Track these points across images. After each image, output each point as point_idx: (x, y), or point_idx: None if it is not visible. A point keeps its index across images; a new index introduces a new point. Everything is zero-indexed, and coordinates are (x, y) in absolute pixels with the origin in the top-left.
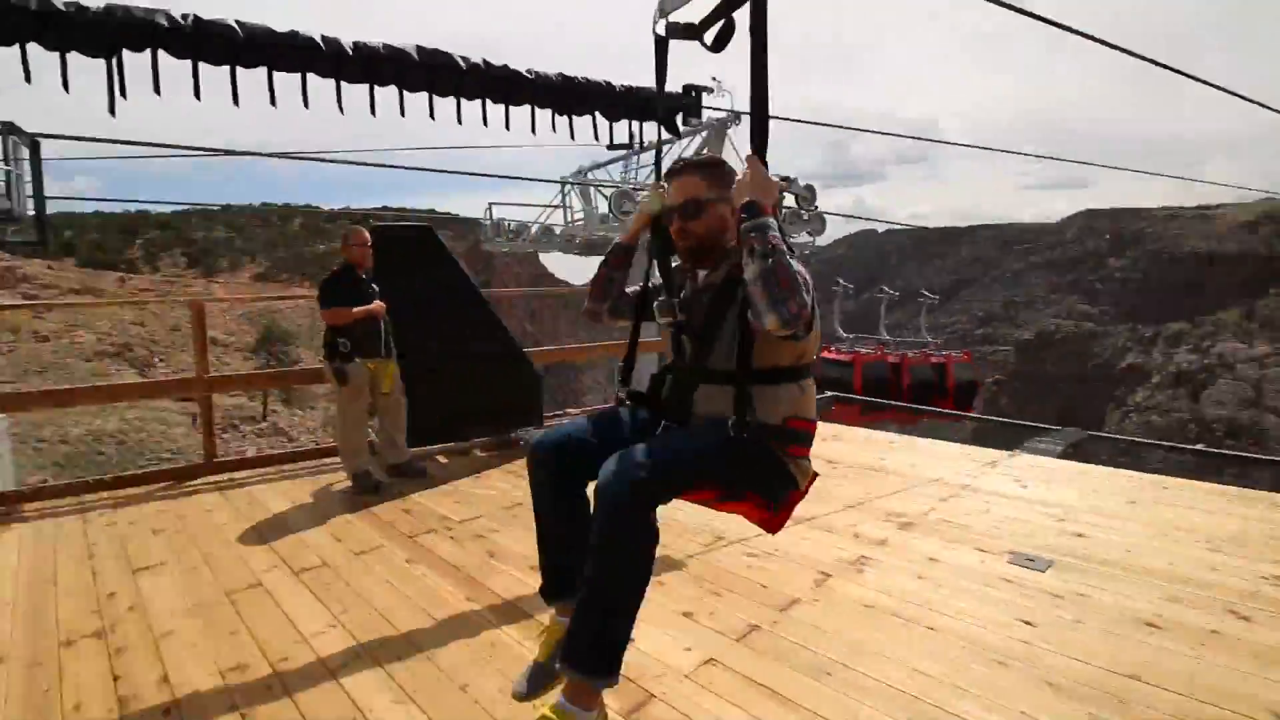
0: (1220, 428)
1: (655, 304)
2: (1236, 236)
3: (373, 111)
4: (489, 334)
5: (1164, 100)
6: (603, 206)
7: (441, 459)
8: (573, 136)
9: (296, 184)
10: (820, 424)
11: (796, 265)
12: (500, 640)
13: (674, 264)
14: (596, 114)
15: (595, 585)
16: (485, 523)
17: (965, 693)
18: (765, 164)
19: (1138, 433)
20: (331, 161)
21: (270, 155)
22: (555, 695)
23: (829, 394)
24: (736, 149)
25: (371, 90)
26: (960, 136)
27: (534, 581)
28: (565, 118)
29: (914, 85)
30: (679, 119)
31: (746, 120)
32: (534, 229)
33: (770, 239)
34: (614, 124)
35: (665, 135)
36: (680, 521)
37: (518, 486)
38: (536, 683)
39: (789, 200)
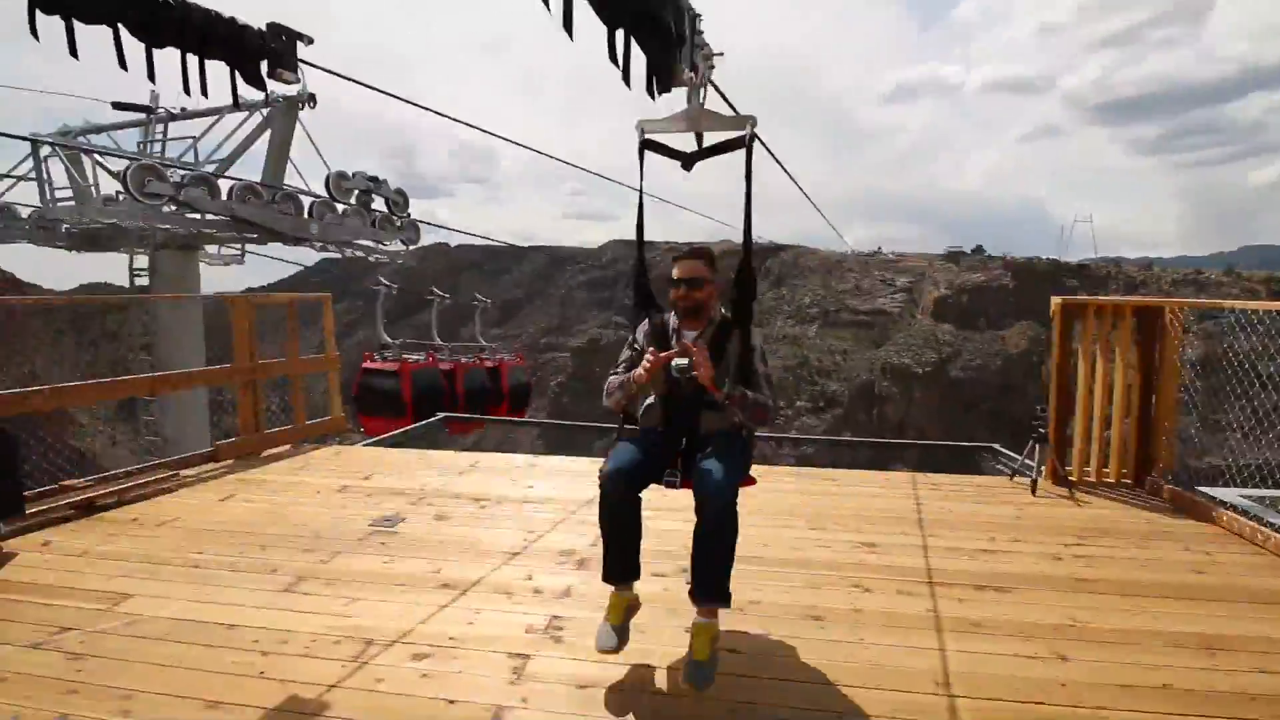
0: None
1: (675, 366)
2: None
3: None
4: None
5: None
6: (113, 184)
7: None
8: (74, 54)
9: None
10: (455, 454)
11: (761, 392)
12: None
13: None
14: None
15: (716, 550)
16: None
17: None
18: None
19: None
20: None
21: None
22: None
23: (440, 415)
24: (309, 134)
25: None
26: (516, 167)
27: None
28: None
29: (474, 113)
30: (264, 68)
31: (323, 99)
32: None
33: (745, 400)
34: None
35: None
36: (306, 630)
37: None
38: (622, 639)
39: (379, 204)
